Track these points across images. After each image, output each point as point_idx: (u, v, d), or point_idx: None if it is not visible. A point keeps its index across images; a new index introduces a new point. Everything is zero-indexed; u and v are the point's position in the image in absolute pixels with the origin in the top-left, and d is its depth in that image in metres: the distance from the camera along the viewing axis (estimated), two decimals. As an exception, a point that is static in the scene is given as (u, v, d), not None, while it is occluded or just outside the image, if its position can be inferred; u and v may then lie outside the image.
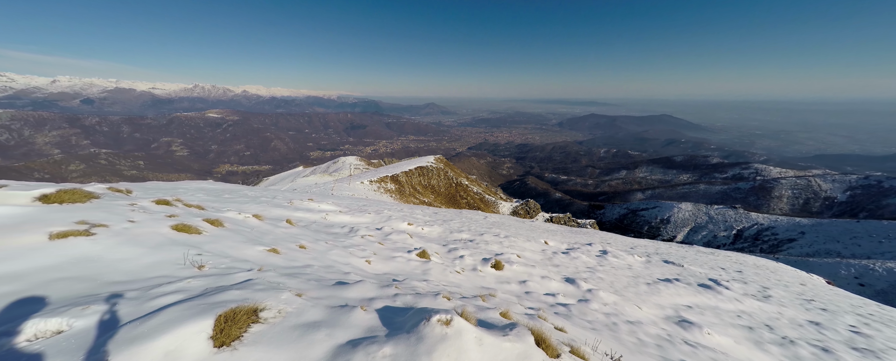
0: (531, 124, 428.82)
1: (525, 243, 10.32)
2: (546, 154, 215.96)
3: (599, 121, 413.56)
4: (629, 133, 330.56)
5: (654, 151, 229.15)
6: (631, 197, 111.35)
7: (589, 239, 15.26)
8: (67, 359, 1.59)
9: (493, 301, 4.25)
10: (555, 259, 8.85)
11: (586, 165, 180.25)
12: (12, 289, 2.37)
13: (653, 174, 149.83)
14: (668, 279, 8.44)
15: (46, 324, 1.85)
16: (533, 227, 19.07)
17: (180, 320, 1.77)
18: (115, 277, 2.78)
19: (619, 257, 10.36)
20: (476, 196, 56.33)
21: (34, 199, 4.14)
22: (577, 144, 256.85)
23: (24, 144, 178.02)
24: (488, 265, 6.66)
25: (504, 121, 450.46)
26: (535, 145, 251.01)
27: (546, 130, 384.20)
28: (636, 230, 72.42)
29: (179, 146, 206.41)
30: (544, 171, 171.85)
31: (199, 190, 10.74)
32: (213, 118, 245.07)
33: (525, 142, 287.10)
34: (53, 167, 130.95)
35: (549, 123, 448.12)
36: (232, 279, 2.88)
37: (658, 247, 17.30)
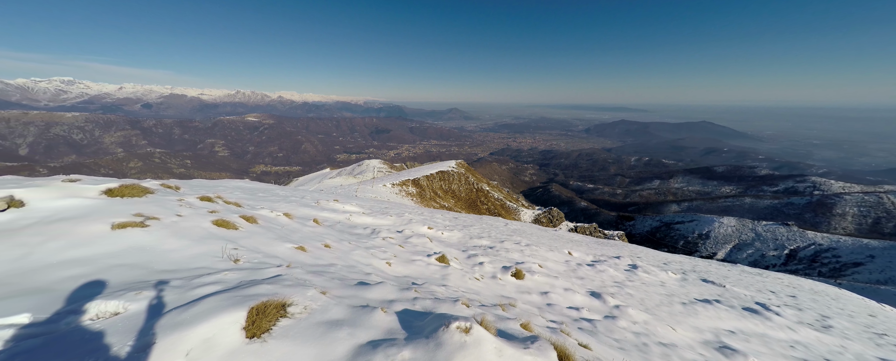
0: (556, 130, 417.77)
1: (547, 252, 9.98)
2: (571, 161, 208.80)
3: (630, 127, 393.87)
4: (663, 141, 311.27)
5: (692, 160, 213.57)
6: (664, 209, 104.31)
7: (617, 252, 14.45)
8: (122, 339, 1.76)
9: (513, 311, 4.14)
10: (579, 271, 8.46)
11: (615, 173, 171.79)
12: (81, 272, 2.67)
13: (690, 185, 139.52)
14: (708, 299, 7.75)
15: (106, 306, 2.06)
16: (556, 236, 18.42)
17: (217, 310, 1.90)
18: (163, 266, 3.05)
19: (651, 272, 9.69)
20: (497, 202, 55.56)
21: (101, 192, 4.67)
22: (606, 151, 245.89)
23: (94, 142, 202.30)
24: (508, 273, 6.51)
25: (527, 127, 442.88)
26: (560, 152, 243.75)
27: (572, 136, 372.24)
28: (670, 245, 67.56)
29: (221, 147, 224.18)
30: (569, 178, 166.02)
31: (237, 188, 11.55)
32: (252, 122, 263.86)
33: (549, 148, 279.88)
34: (116, 164, 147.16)
35: (575, 129, 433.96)
36: (263, 274, 3.05)
37: (695, 264, 15.99)
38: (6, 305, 2.10)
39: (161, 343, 1.65)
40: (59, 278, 2.55)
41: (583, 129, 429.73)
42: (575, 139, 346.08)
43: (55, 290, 2.35)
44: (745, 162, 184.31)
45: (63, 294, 2.28)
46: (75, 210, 3.83)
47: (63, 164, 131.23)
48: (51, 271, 2.65)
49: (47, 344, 1.76)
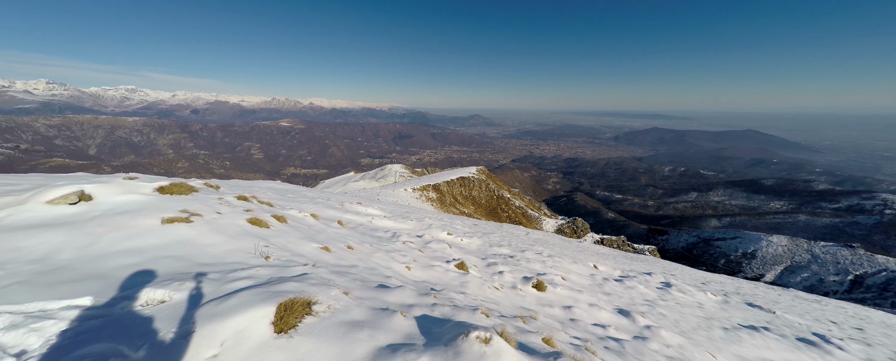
0: (582, 138, 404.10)
1: (571, 264, 9.57)
2: (598, 170, 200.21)
3: (664, 136, 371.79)
4: (702, 150, 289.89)
5: (735, 171, 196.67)
6: (702, 224, 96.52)
7: (648, 268, 13.54)
8: (167, 325, 1.91)
9: (534, 325, 3.99)
10: (605, 286, 8.02)
11: (646, 183, 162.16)
12: (134, 261, 2.95)
13: (733, 199, 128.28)
14: (754, 326, 7.02)
15: (155, 294, 2.25)
16: (580, 248, 17.63)
17: (250, 304, 2.01)
18: (203, 259, 3.28)
19: (687, 292, 8.96)
20: (518, 210, 54.39)
21: (154, 190, 5.15)
22: (636, 160, 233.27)
23: (149, 144, 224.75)
24: (529, 284, 6.31)
25: (551, 133, 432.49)
26: (586, 160, 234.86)
27: (599, 144, 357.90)
28: (709, 263, 62.21)
29: (257, 150, 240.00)
30: (595, 188, 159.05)
31: (269, 189, 12.27)
32: (285, 127, 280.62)
33: (574, 156, 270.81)
34: (167, 164, 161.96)
35: (603, 136, 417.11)
36: (291, 272, 3.19)
37: (739, 286, 14.57)
38: (74, 288, 2.36)
39: (200, 331, 1.77)
40: (117, 265, 2.83)
41: (611, 136, 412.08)
42: (602, 147, 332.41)
43: (113, 277, 2.61)
44: (799, 175, 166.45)
45: (119, 281, 2.53)
46: (133, 205, 4.25)
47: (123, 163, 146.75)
48: (110, 259, 2.95)
49: (105, 326, 1.95)
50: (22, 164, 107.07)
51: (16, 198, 4.00)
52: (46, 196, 3.99)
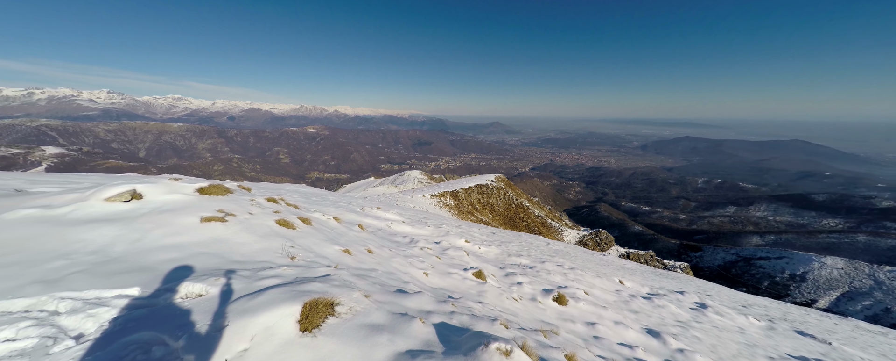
0: (606, 146, 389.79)
1: (594, 278, 9.14)
2: (624, 180, 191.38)
3: (697, 145, 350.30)
4: (741, 161, 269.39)
5: (780, 185, 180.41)
6: (742, 241, 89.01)
7: (680, 286, 12.64)
8: (203, 318, 2.03)
9: (555, 340, 3.84)
10: (632, 304, 7.56)
11: (677, 196, 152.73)
12: (176, 256, 3.18)
13: (778, 215, 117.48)
14: (806, 358, 6.31)
15: (193, 288, 2.41)
16: (604, 261, 16.82)
17: (277, 302, 2.10)
18: (235, 257, 3.48)
19: (725, 315, 8.25)
20: (537, 220, 53.00)
21: (194, 190, 5.56)
22: (666, 170, 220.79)
23: (190, 148, 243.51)
24: (550, 297, 6.09)
25: (573, 142, 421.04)
26: (611, 169, 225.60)
27: (625, 153, 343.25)
28: (751, 285, 56.99)
29: (285, 155, 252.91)
30: (620, 199, 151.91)
31: (295, 192, 12.84)
32: (311, 133, 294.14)
33: (598, 165, 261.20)
34: (205, 167, 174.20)
35: (629, 145, 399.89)
36: (315, 272, 3.29)
37: (787, 311, 13.20)
38: (125, 279, 2.58)
39: (232, 325, 1.87)
40: (161, 259, 3.06)
41: (638, 145, 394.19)
42: (628, 156, 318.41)
43: (157, 270, 2.83)
44: (858, 190, 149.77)
45: (162, 274, 2.73)
46: (176, 204, 4.60)
47: (167, 165, 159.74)
48: (155, 253, 3.20)
49: (149, 316, 2.11)
50: (83, 164, 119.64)
51: (80, 195, 4.46)
52: (104, 194, 4.43)
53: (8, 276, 2.53)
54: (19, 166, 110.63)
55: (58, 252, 2.98)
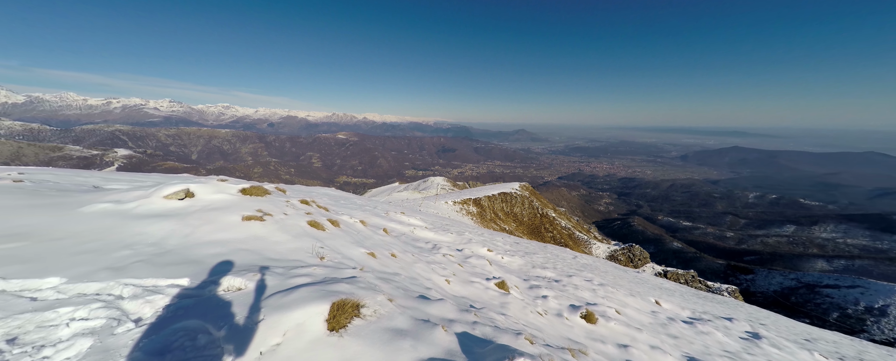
0: (641, 156, 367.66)
1: (627, 297, 8.53)
2: (661, 192, 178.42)
3: (747, 156, 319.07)
4: (801, 175, 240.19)
5: (851, 203, 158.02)
6: (804, 265, 78.80)
7: (728, 312, 11.41)
8: (241, 311, 2.17)
9: (584, 360, 3.61)
10: (671, 328, 6.93)
11: (724, 211, 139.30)
12: (220, 251, 3.45)
13: (849, 237, 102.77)
14: (889, 406, 5.36)
15: (234, 281, 2.59)
16: (638, 279, 15.67)
17: (308, 300, 2.19)
18: (271, 254, 3.69)
19: (784, 348, 7.28)
20: (564, 231, 50.84)
21: (238, 191, 6.02)
22: (710, 183, 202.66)
23: (234, 152, 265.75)
24: (577, 314, 5.76)
25: (604, 150, 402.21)
26: (646, 181, 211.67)
27: (662, 163, 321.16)
28: (815, 316, 50.01)
29: (317, 159, 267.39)
30: (657, 212, 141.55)
31: (325, 195, 13.46)
32: (341, 139, 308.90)
33: (631, 176, 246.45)
34: (246, 170, 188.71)
35: (668, 155, 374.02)
36: (342, 273, 3.40)
37: (862, 349, 11.37)
38: (177, 269, 2.84)
39: (267, 320, 1.98)
40: (207, 254, 3.33)
41: (677, 155, 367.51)
42: (666, 167, 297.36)
43: (204, 263, 3.08)
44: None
45: (209, 267, 2.97)
46: (222, 203, 5.01)
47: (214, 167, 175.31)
48: (203, 247, 3.49)
49: (196, 305, 2.29)
50: (146, 165, 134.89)
51: (144, 192, 5.02)
52: (163, 192, 4.94)
53: (84, 261, 2.89)
54: (96, 165, 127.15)
55: (124, 243, 3.36)
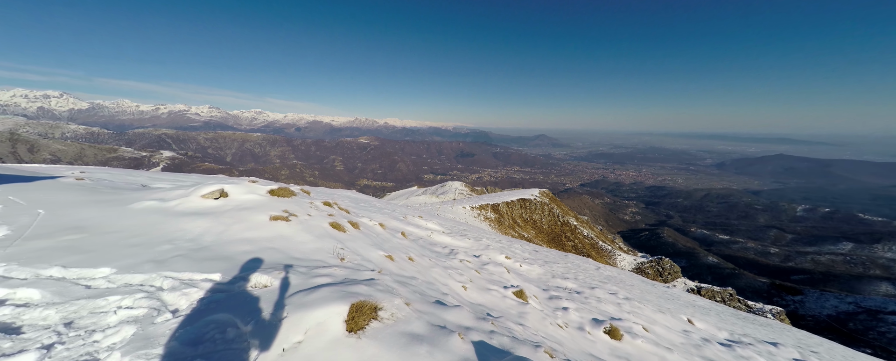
0: (671, 163, 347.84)
1: (655, 313, 8.01)
2: (694, 202, 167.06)
3: (795, 165, 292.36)
4: (860, 186, 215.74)
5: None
6: (864, 287, 70.38)
7: (772, 336, 10.39)
8: (267, 307, 2.27)
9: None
10: (706, 350, 6.41)
11: (767, 224, 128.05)
12: (249, 249, 3.63)
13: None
14: None
15: (261, 279, 2.72)
16: (668, 295, 14.69)
17: (329, 300, 2.25)
18: (295, 254, 3.84)
19: (840, 380, 6.50)
20: (586, 240, 48.87)
21: (267, 192, 6.35)
22: (750, 193, 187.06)
23: (264, 155, 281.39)
24: (600, 328, 5.48)
25: (631, 157, 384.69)
26: (677, 190, 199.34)
27: (695, 171, 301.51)
28: (878, 346, 44.32)
29: (339, 163, 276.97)
30: (689, 224, 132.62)
31: (347, 197, 13.86)
32: (362, 143, 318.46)
33: (660, 184, 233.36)
34: (274, 171, 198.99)
35: (701, 163, 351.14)
36: (361, 275, 3.47)
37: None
38: (211, 265, 3.02)
39: (290, 318, 2.05)
40: (238, 251, 3.53)
41: (712, 163, 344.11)
42: (699, 176, 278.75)
43: (235, 259, 3.26)
44: None
45: (239, 264, 3.14)
46: (252, 203, 5.30)
47: (246, 169, 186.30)
48: (234, 245, 3.70)
49: (227, 300, 2.42)
50: (187, 166, 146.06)
51: (184, 191, 5.42)
52: (201, 192, 5.31)
53: (132, 254, 3.16)
54: (145, 165, 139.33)
55: (166, 238, 3.64)
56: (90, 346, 1.92)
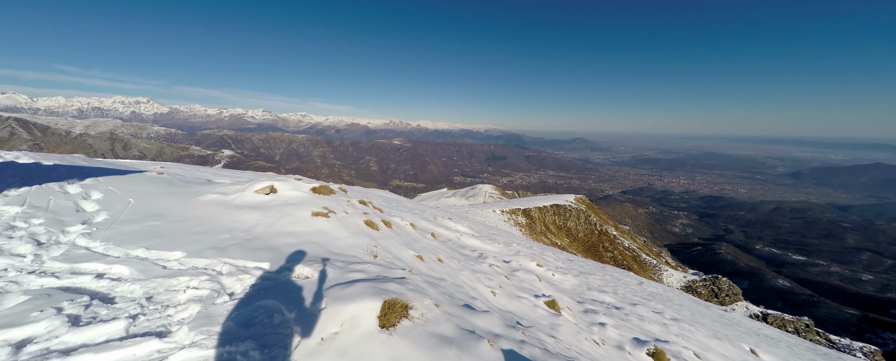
0: (733, 171, 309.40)
1: (709, 339, 7.15)
2: (760, 216, 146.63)
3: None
4: None
5: None
6: None
7: (861, 378, 8.71)
8: (308, 297, 2.43)
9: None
10: (773, 386, 5.56)
11: (858, 246, 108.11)
12: (293, 242, 3.93)
13: None
14: None
15: (303, 270, 2.92)
16: (726, 319, 13.03)
17: (363, 295, 2.34)
18: (333, 248, 4.07)
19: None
20: (627, 252, 45.30)
21: (310, 189, 6.83)
22: (835, 208, 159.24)
23: (308, 155, 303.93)
24: (643, 350, 5.03)
25: (681, 163, 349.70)
26: (739, 201, 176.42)
27: (763, 181, 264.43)
28: None
29: (374, 163, 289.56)
30: (754, 240, 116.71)
31: (379, 197, 14.40)
32: (396, 145, 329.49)
33: (718, 194, 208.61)
34: (315, 171, 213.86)
35: (771, 171, 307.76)
36: (393, 273, 3.57)
37: None
38: (261, 254, 3.32)
39: (328, 309, 2.17)
40: (283, 243, 3.83)
41: (785, 172, 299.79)
42: (768, 186, 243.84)
43: (281, 251, 3.54)
44: None
45: (285, 255, 3.40)
46: (296, 199, 5.73)
47: (291, 168, 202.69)
48: (280, 237, 4.02)
49: (274, 287, 2.64)
50: (242, 163, 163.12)
51: (240, 187, 6.03)
52: (255, 187, 5.87)
53: (198, 241, 3.58)
54: (209, 162, 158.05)
55: (225, 228, 4.07)
56: (165, 319, 2.21)
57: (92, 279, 2.61)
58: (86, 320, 2.09)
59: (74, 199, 4.57)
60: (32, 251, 2.94)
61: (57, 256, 2.91)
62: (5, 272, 2.55)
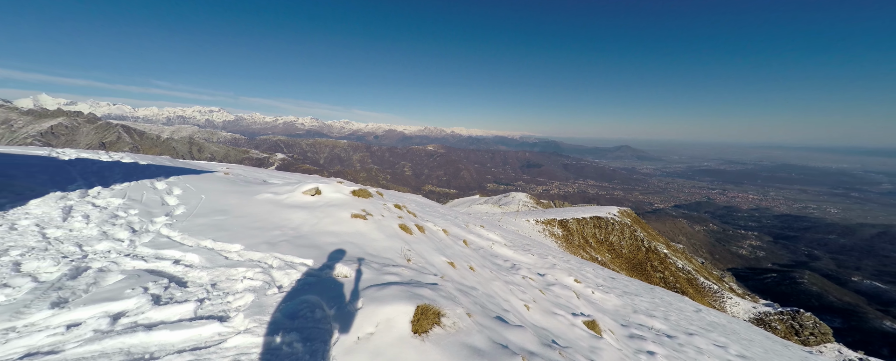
0: (818, 187, 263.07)
1: (788, 384, 6.04)
2: (858, 241, 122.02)
3: None
4: None
5: None
6: None
7: None
8: (347, 295, 2.55)
9: None
10: None
11: None
12: (334, 241, 4.16)
13: None
14: None
15: (342, 269, 3.07)
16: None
17: (398, 298, 2.39)
18: (369, 250, 4.24)
19: None
20: (680, 273, 40.54)
21: (350, 192, 7.22)
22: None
23: (348, 159, 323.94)
24: (701, 387, 4.40)
25: (750, 176, 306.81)
26: (828, 222, 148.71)
27: (860, 199, 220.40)
28: None
29: (408, 169, 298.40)
30: (848, 270, 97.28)
31: (413, 201, 14.73)
32: (430, 151, 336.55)
33: (799, 213, 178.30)
34: (354, 174, 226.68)
35: (872, 187, 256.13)
36: (425, 279, 3.59)
37: None
38: (306, 251, 3.57)
39: (364, 309, 2.25)
40: (325, 242, 4.08)
41: (892, 189, 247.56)
42: (867, 205, 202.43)
43: (323, 249, 3.77)
44: None
45: (326, 253, 3.62)
46: (338, 201, 6.10)
47: (333, 171, 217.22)
48: (323, 236, 4.29)
49: (316, 284, 2.81)
50: (292, 166, 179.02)
51: (290, 188, 6.58)
52: (302, 188, 6.36)
53: (253, 235, 3.97)
54: (264, 165, 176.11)
55: (276, 225, 4.46)
56: (225, 305, 2.47)
57: (171, 264, 3.02)
58: (165, 300, 2.41)
59: (161, 194, 5.37)
60: (129, 236, 3.50)
61: (146, 242, 3.42)
62: (108, 253, 3.07)
